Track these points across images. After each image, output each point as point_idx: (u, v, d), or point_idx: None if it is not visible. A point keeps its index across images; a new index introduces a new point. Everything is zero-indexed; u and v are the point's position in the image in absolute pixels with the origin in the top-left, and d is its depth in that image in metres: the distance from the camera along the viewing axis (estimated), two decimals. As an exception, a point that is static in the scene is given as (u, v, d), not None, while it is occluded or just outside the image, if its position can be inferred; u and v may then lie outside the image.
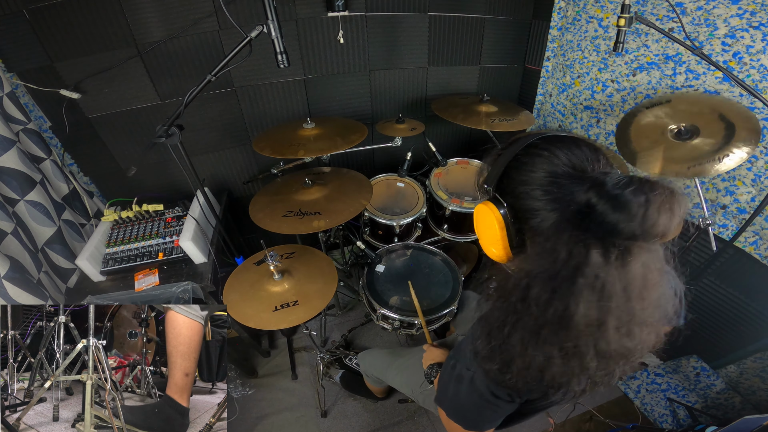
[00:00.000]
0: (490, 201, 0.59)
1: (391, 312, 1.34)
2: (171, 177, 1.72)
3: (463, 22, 1.78)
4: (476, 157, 1.90)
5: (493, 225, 0.58)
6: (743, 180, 1.28)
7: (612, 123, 1.70)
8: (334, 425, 1.63)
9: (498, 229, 0.58)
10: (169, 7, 1.34)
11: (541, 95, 2.06)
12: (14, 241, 1.15)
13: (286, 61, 1.08)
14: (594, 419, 1.63)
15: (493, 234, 0.59)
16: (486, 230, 0.61)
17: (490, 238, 0.60)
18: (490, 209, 0.58)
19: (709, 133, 1.12)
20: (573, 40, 1.75)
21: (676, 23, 1.32)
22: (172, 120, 1.10)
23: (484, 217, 0.60)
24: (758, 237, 1.28)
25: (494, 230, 0.58)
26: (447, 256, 1.57)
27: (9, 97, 1.25)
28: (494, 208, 0.58)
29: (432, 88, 1.93)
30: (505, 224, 0.58)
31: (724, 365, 1.50)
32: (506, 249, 0.60)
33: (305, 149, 1.36)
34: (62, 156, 1.49)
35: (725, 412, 1.39)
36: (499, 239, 0.59)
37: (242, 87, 1.60)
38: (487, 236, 0.61)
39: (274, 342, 1.94)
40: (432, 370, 1.02)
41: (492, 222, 0.58)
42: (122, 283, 1.34)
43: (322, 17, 1.54)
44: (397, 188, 1.79)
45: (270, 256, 1.18)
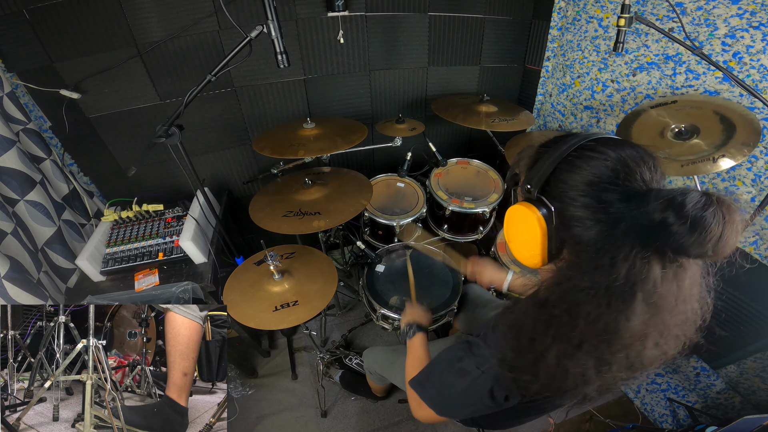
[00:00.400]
0: (532, 203, 0.54)
1: (391, 312, 1.34)
2: (171, 177, 1.73)
3: (463, 22, 1.78)
4: (476, 157, 1.90)
5: (533, 229, 0.54)
6: (743, 180, 1.28)
7: (612, 123, 1.70)
8: (334, 425, 1.63)
9: (540, 234, 0.54)
10: (169, 7, 1.34)
11: (541, 95, 2.06)
12: (14, 241, 1.15)
13: (286, 61, 1.08)
14: (594, 419, 1.63)
15: (532, 238, 0.55)
16: (522, 233, 0.57)
17: (527, 242, 0.57)
18: (532, 212, 0.54)
19: (708, 134, 1.12)
20: (573, 40, 1.75)
21: (676, 23, 1.32)
22: (172, 120, 1.10)
23: (522, 219, 0.56)
24: (758, 237, 1.28)
25: (534, 234, 0.55)
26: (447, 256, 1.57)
27: (9, 97, 1.25)
28: (536, 212, 0.54)
29: (432, 88, 1.93)
30: (547, 229, 0.54)
31: (724, 365, 1.50)
32: (543, 255, 0.56)
33: (305, 149, 1.36)
34: (62, 156, 1.49)
35: (725, 412, 1.39)
36: (539, 244, 0.55)
37: (242, 87, 1.60)
38: (522, 239, 0.58)
39: (274, 342, 1.94)
40: (410, 330, 0.98)
41: (533, 226, 0.54)
42: (122, 283, 1.34)
43: (322, 17, 1.54)
44: (397, 188, 1.79)
45: (270, 256, 1.18)
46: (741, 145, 1.04)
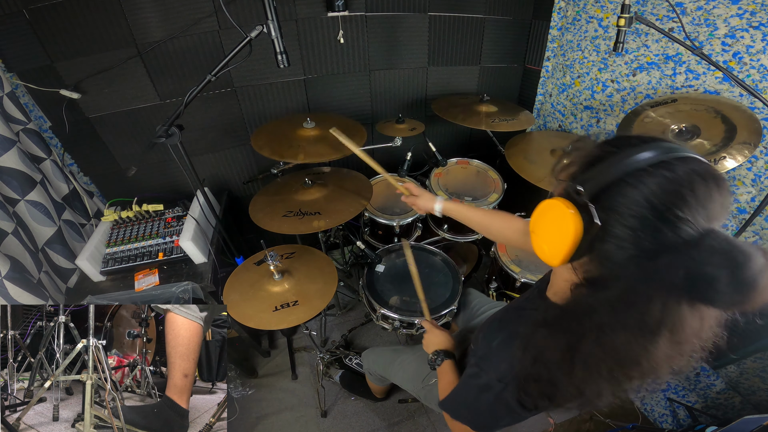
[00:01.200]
0: (575, 204, 0.49)
1: (391, 312, 1.34)
2: (171, 177, 1.73)
3: (463, 22, 1.78)
4: (476, 157, 1.90)
5: (566, 233, 0.50)
6: (743, 180, 1.28)
7: (612, 123, 1.70)
8: (334, 425, 1.63)
9: (571, 242, 0.49)
10: (169, 7, 1.34)
11: (541, 95, 2.06)
12: (14, 241, 1.15)
13: (286, 61, 1.08)
14: (594, 419, 1.63)
15: (560, 241, 0.51)
16: (551, 230, 0.53)
17: (553, 240, 0.52)
18: (572, 218, 0.48)
19: (709, 134, 1.12)
20: (573, 40, 1.75)
21: (676, 23, 1.32)
22: (172, 120, 1.10)
23: (558, 218, 0.51)
24: (758, 237, 1.28)
25: (564, 238, 0.50)
26: (447, 256, 1.57)
27: (9, 97, 1.25)
28: (577, 218, 0.48)
29: (432, 88, 1.93)
30: (582, 237, 0.49)
31: (724, 365, 1.50)
32: (565, 258, 0.52)
33: (305, 152, 1.35)
34: (62, 156, 1.49)
35: (725, 412, 1.39)
36: (565, 249, 0.50)
37: (242, 87, 1.60)
38: (548, 235, 0.53)
39: (274, 342, 1.94)
40: (438, 357, 0.96)
41: (567, 230, 0.49)
42: (122, 283, 1.34)
43: (322, 17, 1.54)
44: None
45: (270, 256, 1.18)
46: (742, 145, 1.04)
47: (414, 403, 1.68)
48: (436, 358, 0.97)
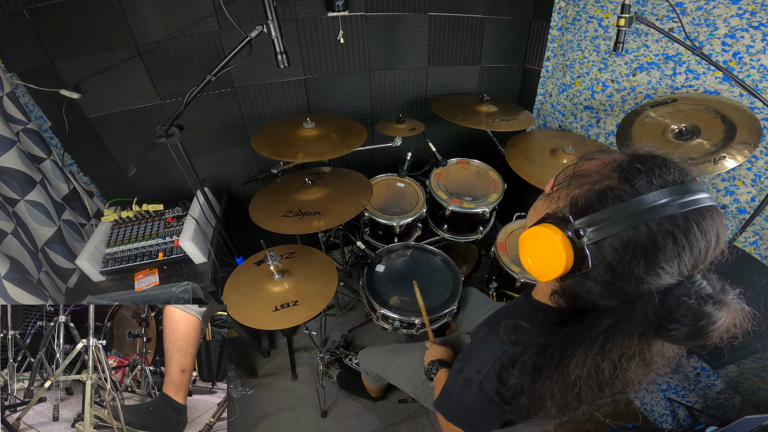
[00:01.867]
0: (569, 241, 0.49)
1: (391, 312, 1.34)
2: (171, 177, 1.72)
3: (463, 22, 1.78)
4: (476, 157, 1.90)
5: (555, 264, 0.51)
6: (743, 180, 1.28)
7: (612, 123, 1.70)
8: (334, 425, 1.63)
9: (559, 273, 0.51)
10: (169, 7, 1.34)
11: (541, 95, 2.06)
12: (14, 241, 1.15)
13: (286, 61, 1.08)
14: (594, 419, 1.63)
15: (549, 267, 0.52)
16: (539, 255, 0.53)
17: (541, 263, 0.53)
18: (564, 254, 0.49)
19: (709, 134, 1.12)
20: (573, 40, 1.75)
21: (676, 23, 1.32)
22: (172, 120, 1.10)
23: (549, 249, 0.51)
24: (758, 237, 1.28)
25: (553, 267, 0.51)
26: (447, 256, 1.57)
27: (9, 97, 1.25)
28: (569, 255, 0.49)
29: (432, 88, 1.93)
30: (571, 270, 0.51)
31: (724, 365, 1.50)
32: (551, 276, 0.53)
33: (304, 152, 1.36)
34: (62, 156, 1.49)
35: (725, 412, 1.39)
36: (552, 274, 0.52)
37: (242, 87, 1.60)
38: (537, 259, 0.54)
39: (274, 342, 1.94)
40: (432, 367, 1.01)
41: (559, 261, 0.50)
42: (122, 283, 1.34)
43: (322, 17, 1.54)
44: (397, 188, 1.79)
45: (270, 256, 1.18)
46: (742, 145, 1.04)
47: (414, 403, 1.68)
48: (431, 368, 1.01)
